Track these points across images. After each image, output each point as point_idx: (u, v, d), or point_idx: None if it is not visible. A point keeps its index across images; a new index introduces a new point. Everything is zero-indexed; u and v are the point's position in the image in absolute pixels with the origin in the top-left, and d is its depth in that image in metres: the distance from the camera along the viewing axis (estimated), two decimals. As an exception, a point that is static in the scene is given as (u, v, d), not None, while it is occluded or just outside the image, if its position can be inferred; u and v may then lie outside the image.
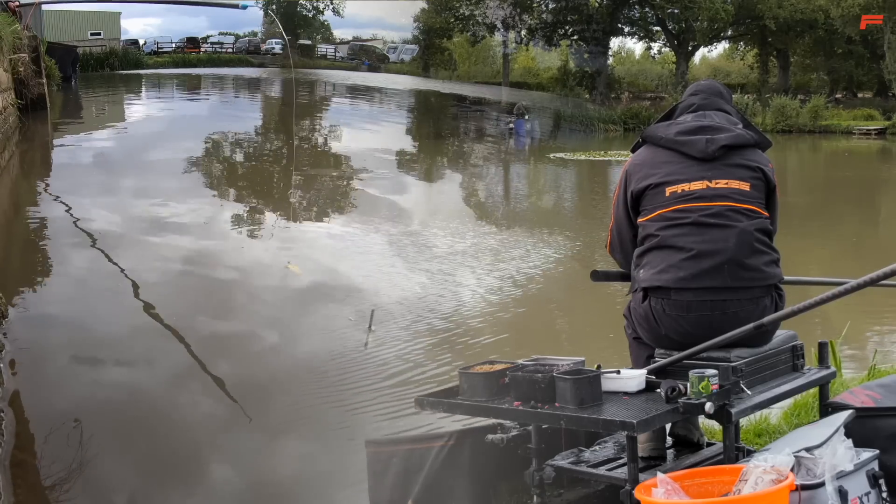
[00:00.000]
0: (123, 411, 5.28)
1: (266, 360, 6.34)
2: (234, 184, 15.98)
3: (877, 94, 41.28)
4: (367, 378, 5.89)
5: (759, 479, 2.18)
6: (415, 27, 48.62)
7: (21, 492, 4.21)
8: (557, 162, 25.45)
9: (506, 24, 42.83)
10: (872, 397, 2.91)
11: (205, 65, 45.83)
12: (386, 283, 8.71)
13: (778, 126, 34.71)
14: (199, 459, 4.72)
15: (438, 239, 11.45)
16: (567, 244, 11.43)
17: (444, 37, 47.62)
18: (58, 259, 9.02)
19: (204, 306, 7.65)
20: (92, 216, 10.98)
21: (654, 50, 46.45)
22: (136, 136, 20.64)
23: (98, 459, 4.59)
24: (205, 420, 5.22)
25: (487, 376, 2.83)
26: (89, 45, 40.36)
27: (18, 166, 15.80)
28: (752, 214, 2.84)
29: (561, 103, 39.70)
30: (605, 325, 7.24)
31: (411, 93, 41.05)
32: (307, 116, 29.16)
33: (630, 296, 3.01)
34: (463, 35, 46.02)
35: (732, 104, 3.15)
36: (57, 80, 26.92)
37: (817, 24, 39.26)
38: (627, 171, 3.03)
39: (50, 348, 6.26)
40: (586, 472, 2.82)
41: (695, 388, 2.53)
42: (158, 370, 5.99)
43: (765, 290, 2.82)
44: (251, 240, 10.94)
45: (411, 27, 49.04)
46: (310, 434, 5.00)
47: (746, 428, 3.77)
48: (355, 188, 16.47)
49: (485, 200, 17.24)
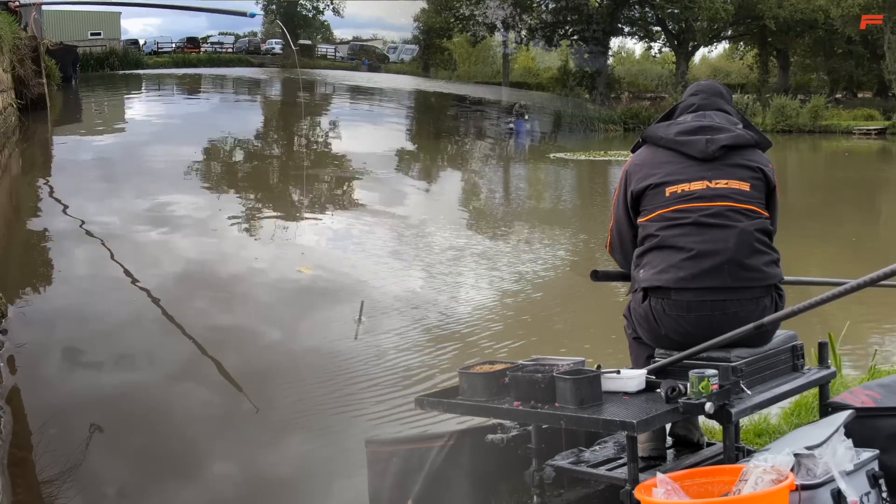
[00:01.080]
0: (123, 409, 5.28)
1: (266, 358, 6.34)
2: (233, 184, 15.98)
3: (877, 94, 41.29)
4: (367, 378, 5.89)
5: (759, 479, 2.18)
6: (415, 27, 48.71)
7: (20, 491, 4.21)
8: (557, 162, 25.45)
9: (506, 24, 42.86)
10: (872, 397, 2.92)
11: (205, 65, 45.83)
12: (386, 283, 8.71)
13: (778, 126, 34.73)
14: (199, 458, 4.72)
15: (438, 239, 11.45)
16: (567, 244, 11.43)
17: (444, 37, 47.63)
18: (57, 258, 9.01)
19: (203, 305, 7.65)
20: (91, 215, 10.98)
21: (654, 50, 46.56)
22: (135, 135, 20.63)
23: (98, 459, 4.59)
24: (204, 419, 5.22)
25: (487, 376, 2.83)
26: (89, 45, 40.35)
27: (18, 166, 15.81)
28: (752, 214, 2.84)
29: (561, 103, 39.70)
30: (605, 325, 7.24)
31: (411, 93, 41.06)
32: (307, 116, 29.17)
33: (630, 296, 3.01)
34: (463, 35, 46.04)
35: (733, 104, 3.15)
36: (57, 81, 26.91)
37: (817, 24, 39.27)
38: (627, 171, 3.03)
39: (49, 346, 6.25)
40: (586, 472, 2.82)
41: (695, 388, 2.53)
42: (158, 368, 5.99)
43: (765, 290, 2.82)
44: (250, 239, 10.94)
45: (411, 27, 49.13)
46: (309, 434, 5.00)
47: (746, 428, 3.77)
48: (355, 188, 16.47)
49: (484, 200, 17.24)
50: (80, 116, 25.68)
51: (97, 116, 26.15)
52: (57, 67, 26.77)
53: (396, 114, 34.60)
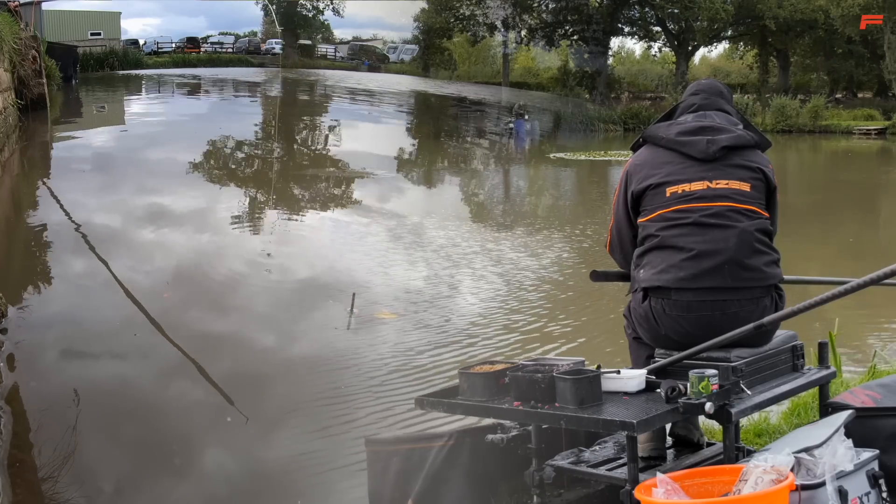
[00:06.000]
0: (122, 409, 5.28)
1: (266, 358, 6.34)
2: (233, 183, 15.97)
3: (877, 94, 41.26)
4: (367, 378, 5.89)
5: (759, 479, 2.18)
6: (415, 27, 48.64)
7: (20, 490, 4.21)
8: (557, 162, 25.44)
9: (506, 24, 42.84)
10: (872, 397, 2.91)
11: (205, 65, 45.79)
12: (386, 283, 8.71)
13: (778, 126, 34.71)
14: (198, 457, 4.72)
15: (438, 239, 11.46)
16: (567, 244, 11.42)
17: (444, 37, 47.59)
18: (57, 257, 9.02)
19: (203, 304, 7.65)
20: (91, 215, 10.98)
21: (654, 50, 46.53)
22: (135, 135, 20.64)
23: (97, 458, 4.59)
24: (204, 417, 5.22)
25: (487, 376, 2.83)
26: (89, 45, 40.33)
27: (18, 165, 15.81)
28: (753, 215, 2.84)
29: (561, 103, 39.69)
30: (605, 325, 7.24)
31: (411, 93, 41.04)
32: (306, 116, 29.17)
33: (630, 296, 3.01)
34: (463, 35, 46.02)
35: (733, 104, 3.15)
36: (57, 80, 26.93)
37: (817, 24, 39.24)
38: (628, 171, 3.03)
39: (48, 345, 6.25)
40: (586, 472, 2.82)
41: (695, 388, 2.53)
42: (157, 367, 5.99)
43: (765, 290, 2.82)
44: (250, 239, 10.93)
45: (411, 27, 49.07)
46: (309, 434, 5.00)
47: (746, 428, 3.77)
48: (355, 188, 16.47)
49: (484, 200, 17.24)
50: (79, 116, 25.68)
51: (97, 116, 26.16)
52: (57, 67, 26.79)
53: (396, 114, 34.61)
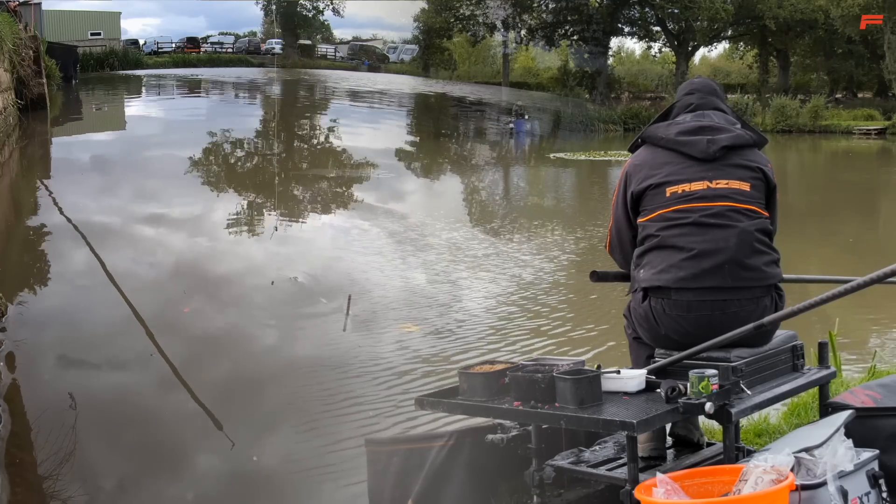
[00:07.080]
0: (122, 409, 5.28)
1: (265, 358, 6.34)
2: (233, 183, 15.97)
3: (877, 94, 41.29)
4: (367, 378, 5.89)
5: (759, 479, 2.18)
6: (415, 27, 48.65)
7: (20, 490, 4.21)
8: (557, 162, 25.44)
9: (506, 24, 42.85)
10: (872, 397, 2.91)
11: (205, 65, 45.81)
12: (386, 283, 8.71)
13: (778, 126, 34.74)
14: (198, 457, 4.72)
15: (438, 239, 11.45)
16: (567, 244, 11.42)
17: (444, 37, 47.59)
18: (56, 257, 9.02)
19: (202, 303, 7.65)
20: (91, 215, 10.98)
21: (654, 50, 46.54)
22: (135, 135, 20.65)
23: (97, 457, 4.59)
24: (205, 417, 5.22)
25: (487, 376, 2.83)
26: (89, 45, 40.33)
27: (18, 165, 15.80)
28: (753, 214, 2.84)
29: (561, 103, 39.70)
30: (605, 325, 7.24)
31: (411, 93, 41.02)
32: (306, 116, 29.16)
33: (630, 296, 3.01)
34: (463, 35, 46.02)
35: (727, 102, 3.15)
36: (57, 80, 26.93)
37: (817, 24, 39.27)
38: (627, 171, 3.02)
39: (47, 345, 6.25)
40: (586, 472, 2.82)
41: (695, 388, 2.52)
42: (157, 367, 5.99)
43: (765, 290, 2.82)
44: (250, 238, 10.94)
45: (411, 27, 49.07)
46: (309, 434, 5.00)
47: (746, 428, 3.76)
48: (354, 188, 16.47)
49: (484, 200, 17.24)
50: (79, 116, 25.69)
51: (97, 116, 26.16)
52: (57, 67, 26.80)
53: (396, 114, 34.60)
